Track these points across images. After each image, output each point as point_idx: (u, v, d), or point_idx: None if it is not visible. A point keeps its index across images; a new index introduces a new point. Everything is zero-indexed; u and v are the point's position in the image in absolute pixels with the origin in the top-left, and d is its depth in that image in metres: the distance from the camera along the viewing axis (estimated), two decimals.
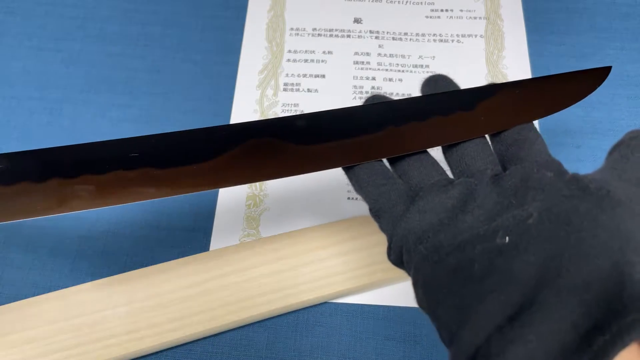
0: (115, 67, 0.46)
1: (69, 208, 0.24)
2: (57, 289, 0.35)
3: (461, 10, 0.48)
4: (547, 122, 0.41)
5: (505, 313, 0.20)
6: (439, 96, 0.28)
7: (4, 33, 0.47)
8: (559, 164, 0.25)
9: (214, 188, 0.26)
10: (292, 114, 0.43)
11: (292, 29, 0.47)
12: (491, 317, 0.21)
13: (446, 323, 0.22)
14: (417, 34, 0.47)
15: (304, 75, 0.45)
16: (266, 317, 0.35)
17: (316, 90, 0.44)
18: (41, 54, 0.46)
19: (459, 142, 0.27)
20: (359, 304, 0.36)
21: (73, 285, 0.35)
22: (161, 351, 0.34)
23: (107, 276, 0.35)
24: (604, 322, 0.19)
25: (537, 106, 0.28)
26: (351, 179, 0.28)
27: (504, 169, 0.27)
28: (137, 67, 0.46)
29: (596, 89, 0.29)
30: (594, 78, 0.29)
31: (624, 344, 0.19)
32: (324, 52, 0.46)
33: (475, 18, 0.48)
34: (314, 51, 0.46)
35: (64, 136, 0.43)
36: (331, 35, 0.47)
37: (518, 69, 0.45)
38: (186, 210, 0.39)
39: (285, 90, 0.44)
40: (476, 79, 0.44)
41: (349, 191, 0.40)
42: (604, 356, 0.19)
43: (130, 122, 0.43)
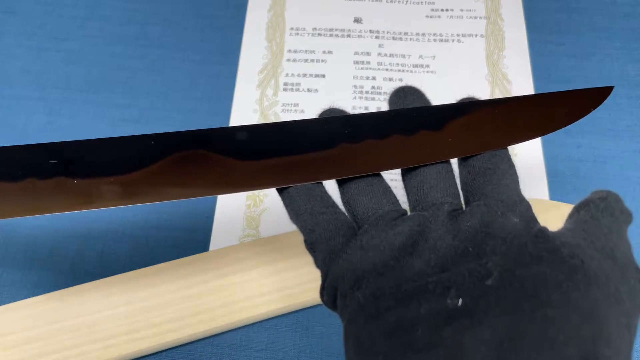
0: (115, 66, 0.46)
1: None
2: (57, 289, 0.35)
3: (461, 10, 0.48)
4: None
5: None
6: (403, 112, 0.25)
7: (3, 33, 0.47)
8: (528, 208, 0.22)
9: (130, 204, 0.23)
10: (292, 113, 0.43)
11: (292, 28, 0.47)
12: None
13: None
14: (417, 34, 0.47)
15: (304, 75, 0.45)
16: (266, 318, 0.35)
17: (316, 90, 0.44)
18: (41, 53, 0.46)
19: (419, 166, 0.24)
20: None
21: (72, 285, 0.35)
22: (161, 352, 0.34)
23: (106, 276, 0.35)
24: None
25: (516, 129, 0.25)
26: (286, 204, 0.24)
27: (467, 201, 0.24)
28: (137, 67, 0.46)
29: (591, 111, 0.25)
30: (591, 99, 0.25)
31: None
32: (324, 52, 0.46)
33: (475, 18, 0.47)
34: (314, 51, 0.46)
35: (63, 136, 0.42)
36: (331, 35, 0.47)
37: (518, 68, 0.45)
38: (186, 211, 0.39)
39: (285, 90, 0.44)
40: (476, 78, 0.44)
41: None
42: None
43: (130, 122, 0.43)
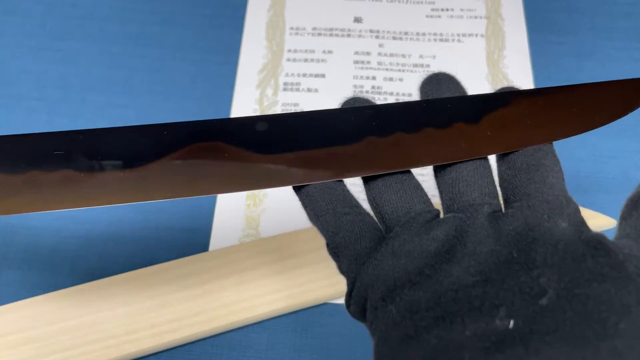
0: (114, 66, 0.46)
1: None
2: (57, 290, 0.35)
3: (462, 10, 0.48)
4: None
5: None
6: (437, 102, 0.23)
7: (2, 32, 0.47)
8: (576, 210, 0.20)
9: (137, 201, 0.21)
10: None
11: (292, 28, 0.47)
12: None
13: None
14: (417, 33, 0.47)
15: (304, 75, 0.45)
16: (266, 318, 0.35)
17: (316, 90, 0.44)
18: (40, 53, 0.46)
19: (454, 163, 0.22)
20: None
21: (72, 285, 0.35)
22: (160, 352, 0.34)
23: (106, 277, 0.35)
24: None
25: (562, 122, 0.22)
26: (304, 204, 0.22)
27: (506, 201, 0.21)
28: (136, 67, 0.45)
29: None
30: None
31: None
32: (324, 52, 0.46)
33: (475, 17, 0.47)
34: (314, 50, 0.46)
35: None
36: (331, 35, 0.47)
37: (519, 68, 0.45)
38: (185, 211, 0.39)
39: (285, 89, 0.44)
40: (477, 78, 0.44)
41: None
42: None
43: (129, 122, 0.43)
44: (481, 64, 0.45)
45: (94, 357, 0.32)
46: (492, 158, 0.23)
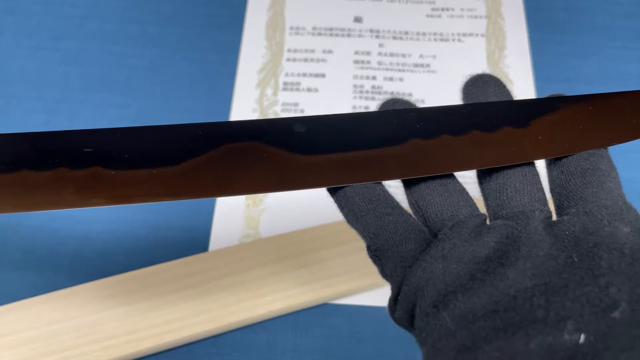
0: (114, 66, 0.45)
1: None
2: (56, 290, 0.35)
3: (462, 9, 0.48)
4: None
5: None
6: (483, 106, 0.22)
7: (2, 32, 0.47)
8: (637, 216, 0.19)
9: (174, 199, 0.21)
10: (292, 113, 0.43)
11: (292, 27, 0.47)
12: None
13: None
14: (417, 33, 0.47)
15: (304, 75, 0.45)
16: (266, 318, 0.35)
17: (316, 90, 0.44)
18: (39, 53, 0.46)
19: (501, 168, 0.21)
20: (359, 305, 0.36)
21: (72, 285, 0.35)
22: (160, 352, 0.34)
23: (105, 277, 0.35)
24: None
25: (615, 128, 0.22)
26: (341, 206, 0.22)
27: (560, 207, 0.21)
28: (136, 66, 0.45)
29: None
30: None
31: None
32: (324, 51, 0.46)
33: (476, 17, 0.47)
34: (314, 50, 0.46)
35: None
36: (331, 34, 0.47)
37: (519, 68, 0.45)
38: (185, 210, 0.39)
39: (285, 89, 0.44)
40: None
41: None
42: None
43: (129, 121, 0.43)
44: (481, 63, 0.45)
45: (94, 357, 0.32)
46: (539, 165, 0.22)
